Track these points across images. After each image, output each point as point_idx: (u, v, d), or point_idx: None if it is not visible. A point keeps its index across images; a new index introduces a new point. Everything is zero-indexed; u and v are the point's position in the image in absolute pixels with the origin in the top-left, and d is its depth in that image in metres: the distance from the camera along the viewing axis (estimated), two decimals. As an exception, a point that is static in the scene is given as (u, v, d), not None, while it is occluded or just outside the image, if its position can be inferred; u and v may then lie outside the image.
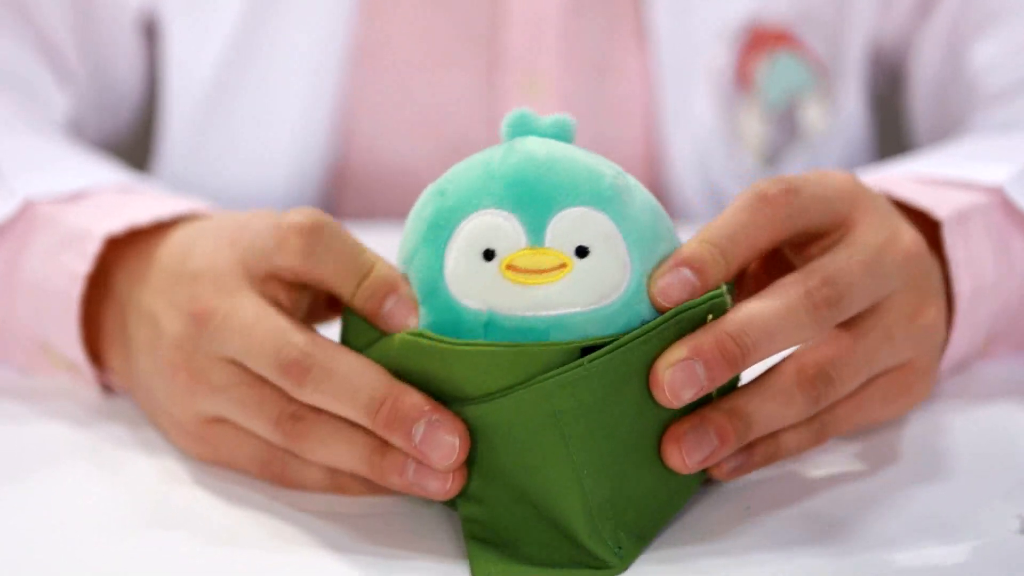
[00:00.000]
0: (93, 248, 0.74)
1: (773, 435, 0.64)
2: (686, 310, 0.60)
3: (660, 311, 0.61)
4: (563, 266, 0.60)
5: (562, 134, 0.63)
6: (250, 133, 1.05)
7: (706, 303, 0.60)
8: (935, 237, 0.72)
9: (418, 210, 0.63)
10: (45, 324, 0.76)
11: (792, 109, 1.06)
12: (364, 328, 0.63)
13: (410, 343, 0.60)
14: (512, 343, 0.59)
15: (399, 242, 0.64)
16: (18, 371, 0.79)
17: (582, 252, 0.60)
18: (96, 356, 0.75)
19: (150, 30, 1.07)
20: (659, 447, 0.61)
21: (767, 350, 0.60)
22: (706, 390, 0.59)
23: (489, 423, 0.60)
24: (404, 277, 0.62)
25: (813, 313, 0.61)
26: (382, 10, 1.04)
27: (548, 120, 0.63)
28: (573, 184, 0.60)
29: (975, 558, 0.60)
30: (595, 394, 0.59)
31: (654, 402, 0.60)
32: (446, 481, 0.61)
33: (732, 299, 0.62)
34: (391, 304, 0.62)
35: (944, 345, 0.72)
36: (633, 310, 0.60)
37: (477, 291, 0.60)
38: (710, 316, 0.60)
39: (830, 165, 1.07)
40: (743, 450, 0.63)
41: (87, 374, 0.75)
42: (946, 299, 0.71)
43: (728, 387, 0.63)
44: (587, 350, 0.59)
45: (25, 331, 0.77)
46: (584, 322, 0.59)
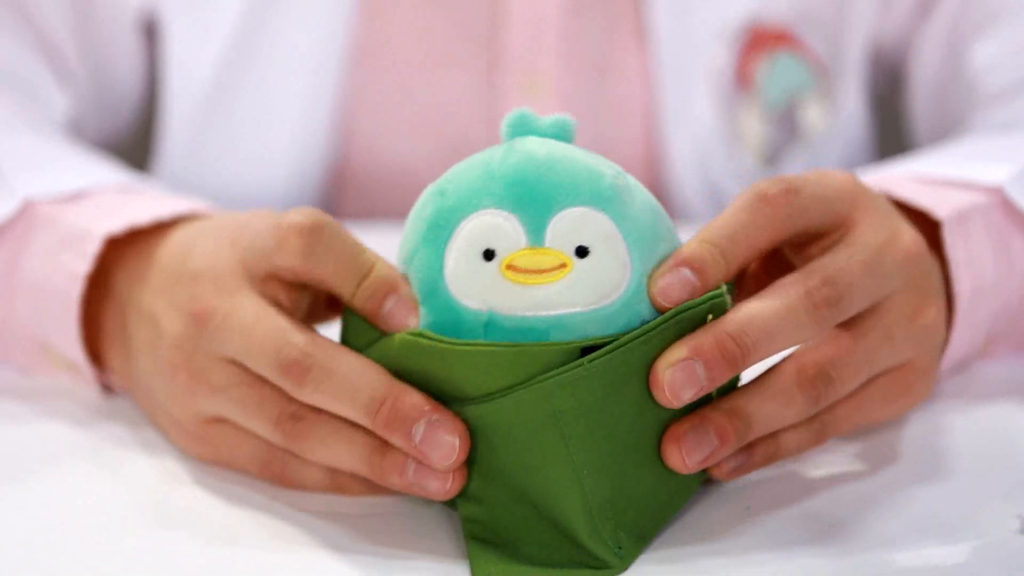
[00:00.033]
0: (93, 248, 0.74)
1: (773, 435, 0.64)
2: (686, 310, 0.60)
3: (660, 311, 0.61)
4: (563, 266, 0.60)
5: (562, 134, 0.63)
6: (250, 133, 1.05)
7: (706, 303, 0.60)
8: (935, 237, 0.72)
9: (418, 210, 0.63)
10: (45, 324, 0.75)
11: (792, 109, 1.06)
12: (364, 328, 0.63)
13: (410, 343, 0.60)
14: (512, 343, 0.59)
15: (399, 242, 0.63)
16: (18, 371, 0.79)
17: (582, 252, 0.60)
18: (96, 356, 0.75)
19: (150, 30, 1.07)
20: (659, 447, 0.61)
21: (767, 350, 0.60)
22: (706, 390, 0.59)
23: (489, 423, 0.60)
24: (404, 277, 0.63)
25: (813, 313, 0.61)
26: (382, 10, 1.04)
27: (548, 120, 0.63)
28: (573, 184, 0.60)
29: (975, 558, 0.60)
30: (595, 394, 0.59)
31: (654, 402, 0.60)
32: (446, 481, 0.61)
33: (732, 299, 0.62)
34: (391, 304, 0.62)
35: (944, 345, 0.72)
36: (633, 310, 0.60)
37: (477, 291, 0.60)
38: (710, 316, 0.60)
39: (830, 165, 1.07)
40: (743, 450, 0.63)
41: (87, 374, 0.75)
42: (946, 299, 0.71)
43: (728, 387, 0.63)
44: (587, 350, 0.59)
45: (25, 331, 0.77)
46: (584, 322, 0.59)
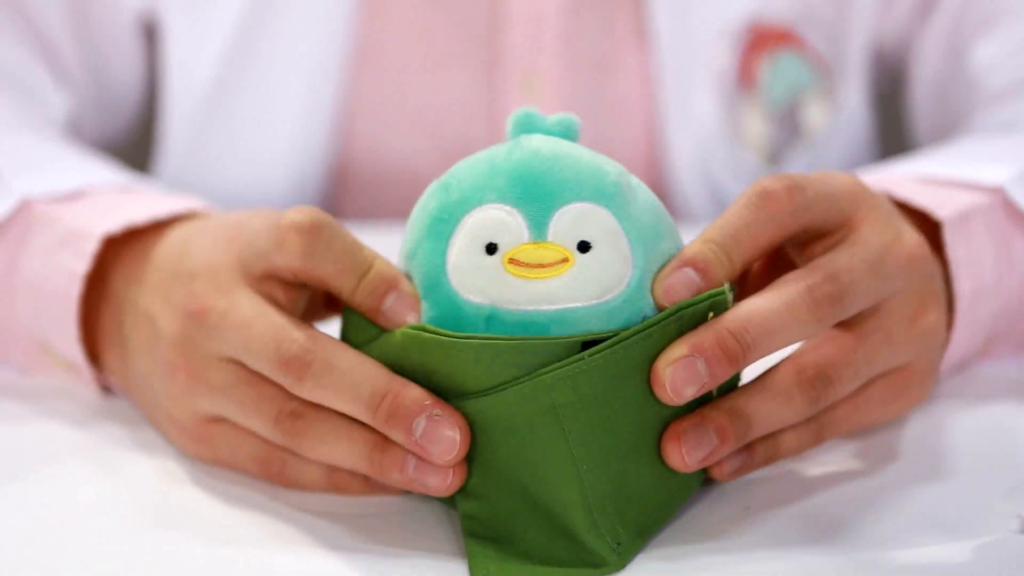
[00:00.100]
0: (91, 248, 0.73)
1: (773, 435, 0.64)
2: (687, 306, 0.60)
3: (662, 310, 0.60)
4: (565, 261, 0.60)
5: (567, 133, 0.63)
6: (250, 133, 1.05)
7: (707, 300, 0.60)
8: (936, 237, 0.72)
9: (422, 204, 0.63)
10: (44, 324, 0.75)
11: (794, 108, 1.06)
12: (364, 325, 0.63)
13: (412, 336, 0.60)
14: (513, 337, 0.59)
15: (402, 238, 0.63)
16: (18, 371, 0.79)
17: (584, 247, 0.60)
18: (95, 356, 0.75)
19: (150, 31, 1.07)
20: (659, 445, 0.61)
21: (768, 347, 0.60)
22: (708, 387, 0.59)
23: (489, 417, 0.60)
24: (405, 273, 0.63)
25: (814, 310, 0.61)
26: (382, 11, 1.04)
27: (553, 119, 0.63)
28: (576, 180, 0.60)
29: (975, 558, 0.60)
30: (595, 388, 0.59)
31: (655, 399, 0.60)
32: (446, 477, 0.61)
33: (734, 299, 0.62)
34: (391, 301, 0.62)
35: (944, 347, 0.72)
36: (635, 306, 0.60)
37: (479, 285, 0.60)
38: (711, 313, 0.60)
39: (831, 164, 1.07)
40: (743, 450, 0.63)
41: (86, 374, 0.75)
42: (947, 299, 0.71)
43: (729, 386, 0.63)
44: (588, 345, 0.59)
45: (24, 331, 0.77)
46: (586, 317, 0.59)
